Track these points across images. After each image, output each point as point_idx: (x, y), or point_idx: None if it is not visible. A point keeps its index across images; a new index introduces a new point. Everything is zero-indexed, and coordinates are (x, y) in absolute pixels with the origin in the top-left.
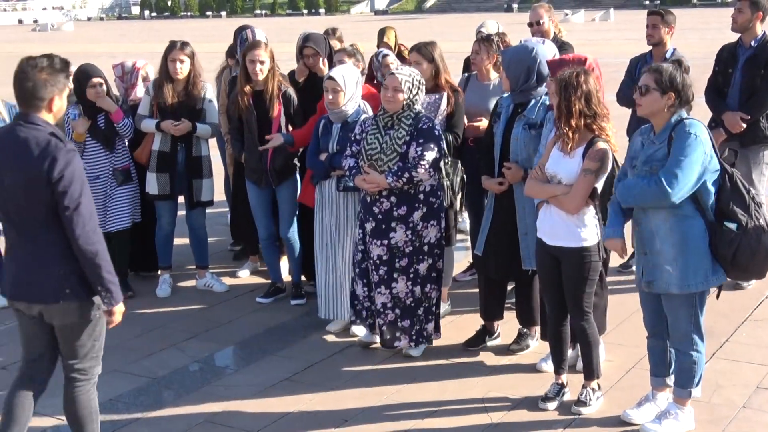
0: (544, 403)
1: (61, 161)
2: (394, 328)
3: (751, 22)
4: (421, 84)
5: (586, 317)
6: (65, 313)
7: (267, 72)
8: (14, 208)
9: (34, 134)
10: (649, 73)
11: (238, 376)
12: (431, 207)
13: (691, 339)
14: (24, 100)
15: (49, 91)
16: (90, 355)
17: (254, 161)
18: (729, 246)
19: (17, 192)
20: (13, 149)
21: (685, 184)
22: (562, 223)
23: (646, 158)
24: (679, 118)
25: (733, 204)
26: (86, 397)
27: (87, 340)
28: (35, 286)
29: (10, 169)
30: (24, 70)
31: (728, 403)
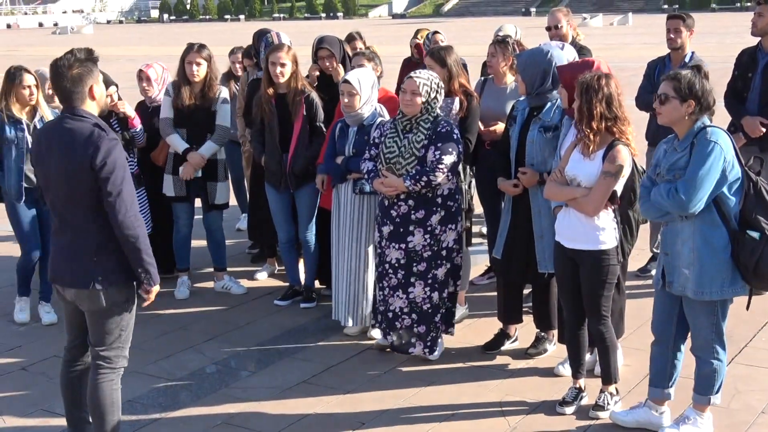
0: (561, 407)
1: (103, 149)
2: (410, 334)
3: None
4: (440, 87)
5: (604, 321)
6: (93, 300)
7: (289, 75)
8: (59, 196)
9: (78, 125)
10: (668, 81)
11: (256, 378)
12: (449, 210)
13: (712, 347)
14: (66, 97)
15: (86, 83)
16: (116, 345)
17: (274, 165)
18: (751, 255)
19: (62, 180)
20: (60, 140)
21: (702, 193)
22: (581, 226)
23: (669, 166)
24: (702, 125)
25: (757, 212)
26: (108, 386)
27: (114, 328)
28: (69, 272)
29: (57, 159)
30: (57, 71)
31: (747, 408)
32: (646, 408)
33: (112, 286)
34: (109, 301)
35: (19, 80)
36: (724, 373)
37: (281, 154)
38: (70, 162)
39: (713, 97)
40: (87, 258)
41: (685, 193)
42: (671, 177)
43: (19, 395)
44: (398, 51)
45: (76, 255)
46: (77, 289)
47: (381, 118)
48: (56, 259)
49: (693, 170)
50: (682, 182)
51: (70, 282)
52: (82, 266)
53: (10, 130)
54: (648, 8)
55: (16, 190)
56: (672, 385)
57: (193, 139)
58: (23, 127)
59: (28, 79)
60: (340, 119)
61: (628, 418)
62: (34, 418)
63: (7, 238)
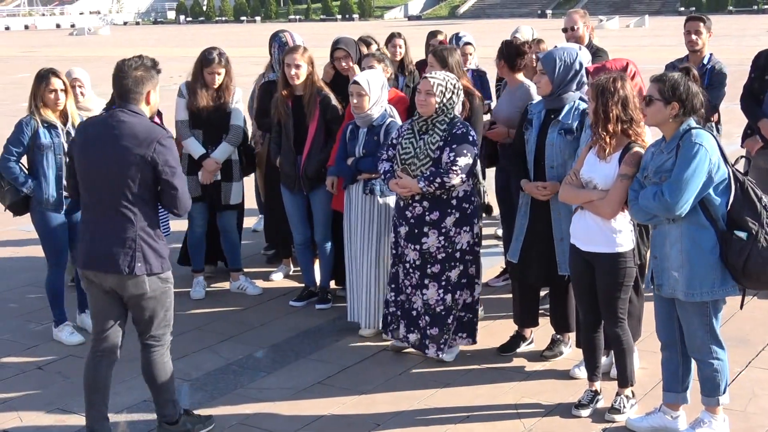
0: (577, 410)
1: (167, 146)
2: (424, 335)
3: None
4: (456, 89)
5: (621, 324)
6: (138, 285)
7: (305, 77)
8: (105, 184)
9: (135, 120)
10: (654, 83)
11: (271, 379)
12: (464, 213)
13: (709, 348)
14: (124, 96)
15: (146, 86)
16: (162, 324)
17: (289, 166)
18: (739, 255)
19: (112, 170)
20: (113, 132)
21: (688, 195)
22: (597, 228)
23: (656, 168)
24: (687, 127)
25: (744, 213)
26: (161, 360)
27: (159, 310)
28: (111, 258)
29: (109, 149)
30: (122, 69)
31: (764, 412)
32: (661, 413)
33: (154, 271)
34: (152, 286)
35: (45, 83)
36: (728, 372)
37: (295, 156)
38: (125, 153)
39: (701, 100)
40: (130, 244)
41: (671, 196)
42: (658, 179)
43: (35, 394)
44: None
45: (119, 241)
46: (121, 275)
47: (391, 119)
48: (95, 246)
49: (678, 173)
50: (667, 185)
51: (114, 268)
52: (125, 252)
53: (45, 136)
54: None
55: (56, 200)
56: (686, 389)
57: (209, 140)
58: (59, 133)
59: (56, 83)
60: (350, 121)
61: (644, 424)
62: (50, 416)
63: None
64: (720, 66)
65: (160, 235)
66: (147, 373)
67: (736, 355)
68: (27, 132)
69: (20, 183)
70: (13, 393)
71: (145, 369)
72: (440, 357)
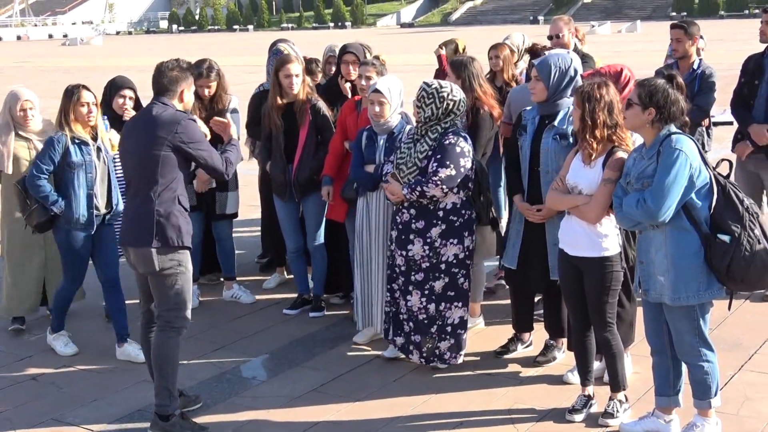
0: (571, 414)
1: (187, 128)
2: (408, 341)
3: None
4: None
5: (610, 328)
6: (147, 261)
7: (299, 86)
8: (134, 166)
9: (162, 109)
10: (635, 88)
11: (265, 387)
12: (451, 225)
13: (698, 351)
14: (161, 92)
15: (180, 85)
16: (173, 306)
17: (280, 174)
18: (723, 258)
19: (140, 152)
20: (143, 120)
21: (670, 201)
22: (584, 233)
23: (638, 174)
24: (667, 132)
25: (727, 215)
26: (166, 343)
27: (169, 289)
28: (132, 233)
29: (136, 136)
30: (160, 70)
31: (757, 415)
32: (654, 417)
33: (164, 249)
34: (161, 264)
35: (77, 97)
36: (718, 375)
37: (286, 164)
38: (151, 137)
39: (681, 108)
40: (147, 222)
41: (654, 203)
42: (640, 185)
43: (29, 405)
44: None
45: (139, 218)
46: (135, 248)
47: (409, 125)
48: (125, 223)
49: (660, 179)
50: (649, 192)
51: (132, 241)
52: (142, 228)
53: (76, 154)
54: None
55: (87, 220)
56: (678, 392)
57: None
58: (90, 150)
59: (87, 96)
60: (364, 128)
61: (637, 429)
62: (44, 428)
63: None
64: (710, 71)
65: (182, 213)
66: (154, 354)
67: (729, 359)
68: (58, 149)
69: (51, 202)
70: (7, 404)
71: (153, 349)
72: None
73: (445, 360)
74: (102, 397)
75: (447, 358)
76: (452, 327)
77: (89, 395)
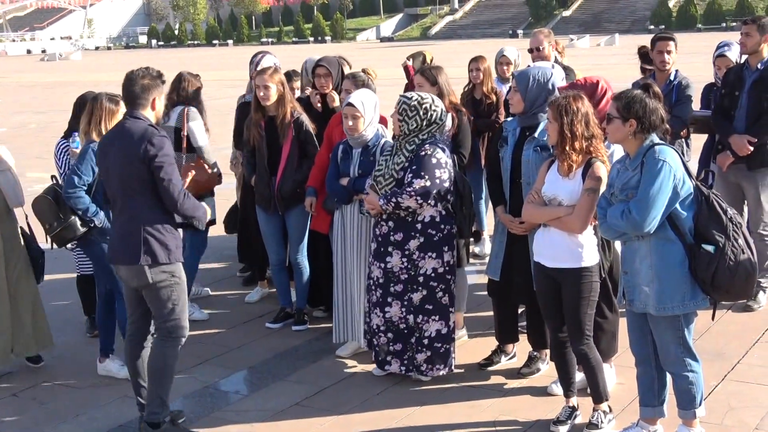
0: (555, 426)
1: (156, 143)
2: (386, 351)
3: (760, 45)
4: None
5: (587, 341)
6: (140, 276)
7: (275, 98)
8: (117, 185)
9: (135, 124)
10: (613, 101)
11: (249, 401)
12: (430, 238)
13: (683, 361)
14: (132, 102)
15: (152, 94)
16: (171, 317)
17: (263, 187)
18: (707, 268)
19: (120, 171)
20: (119, 137)
21: (655, 212)
22: (563, 244)
23: (622, 186)
24: (650, 143)
25: (710, 226)
26: (162, 352)
27: (166, 302)
28: (122, 250)
29: (115, 153)
30: (130, 78)
31: (741, 424)
32: (638, 428)
33: (156, 263)
34: (154, 277)
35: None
36: (702, 385)
37: (270, 177)
38: (126, 154)
39: (660, 116)
40: (136, 238)
41: (639, 214)
42: (624, 197)
43: (10, 421)
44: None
45: (128, 236)
46: (127, 265)
47: (384, 138)
48: (114, 241)
49: (644, 190)
50: (634, 203)
51: (122, 259)
52: (131, 245)
53: None
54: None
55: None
56: (662, 402)
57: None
58: None
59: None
60: (341, 141)
61: None
62: None
63: None
64: (686, 82)
65: (169, 229)
66: (150, 362)
67: (712, 369)
68: (93, 158)
69: (91, 213)
70: None
71: (150, 358)
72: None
73: (422, 371)
74: (84, 413)
75: (424, 370)
76: (429, 340)
77: (71, 411)
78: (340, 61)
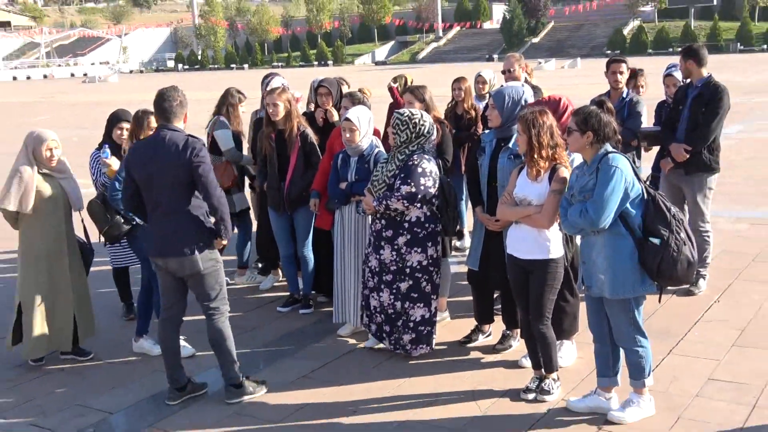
0: (525, 393)
1: (198, 150)
2: (381, 330)
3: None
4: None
5: (546, 323)
6: (193, 265)
7: (283, 114)
8: (164, 189)
9: (176, 135)
10: (573, 116)
11: (262, 374)
12: (416, 236)
13: (634, 338)
14: (167, 116)
15: (184, 109)
16: (218, 297)
17: (274, 191)
18: (654, 258)
19: (168, 176)
20: (162, 147)
21: (609, 211)
22: (533, 239)
23: (580, 188)
24: (604, 152)
25: (656, 222)
26: (222, 327)
27: (214, 284)
28: (173, 245)
29: (161, 160)
30: (165, 95)
31: (683, 393)
32: (596, 395)
33: (203, 252)
34: (204, 264)
35: (146, 122)
36: (651, 358)
37: (280, 182)
38: (174, 161)
39: (612, 128)
40: (186, 233)
41: (595, 213)
42: (582, 198)
43: (57, 393)
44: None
45: (178, 231)
46: (179, 257)
47: (378, 149)
48: (161, 238)
49: (599, 192)
50: (590, 203)
51: (174, 252)
52: (182, 240)
53: None
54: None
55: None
56: (616, 374)
57: None
58: None
59: (153, 121)
60: (341, 150)
61: (582, 405)
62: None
63: None
64: (636, 99)
65: (208, 222)
66: (212, 339)
67: (660, 345)
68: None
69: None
70: (38, 392)
71: (210, 335)
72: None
73: (407, 350)
74: (120, 385)
75: (408, 349)
76: (414, 323)
77: (108, 383)
78: (340, 81)
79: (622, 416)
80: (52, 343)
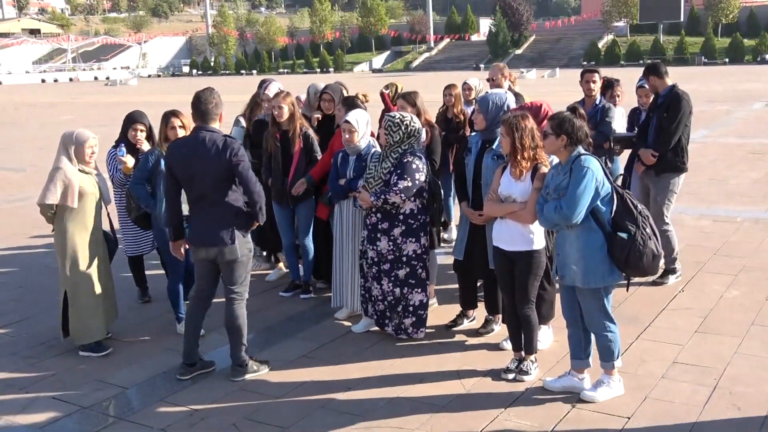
0: (505, 374)
1: (237, 149)
2: (384, 316)
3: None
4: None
5: (531, 305)
6: (232, 252)
7: (287, 115)
8: (207, 184)
9: (214, 135)
10: (548, 121)
11: (265, 354)
12: (410, 226)
13: (603, 324)
14: (204, 116)
15: (220, 109)
16: (243, 283)
17: (278, 186)
18: (621, 251)
19: (210, 173)
20: (203, 146)
21: (581, 208)
22: (518, 232)
23: (555, 187)
24: (577, 154)
25: (624, 218)
26: (240, 311)
27: (243, 271)
28: (214, 235)
29: (204, 159)
30: (202, 97)
31: (650, 374)
32: (570, 376)
33: (241, 241)
34: (241, 252)
35: (169, 123)
36: (619, 342)
37: (283, 178)
38: (216, 159)
39: (585, 132)
40: (227, 224)
41: (568, 209)
42: (557, 195)
43: (76, 368)
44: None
45: (219, 223)
46: (220, 246)
47: (374, 148)
48: (202, 228)
49: (572, 191)
50: (564, 200)
51: (216, 242)
52: (223, 230)
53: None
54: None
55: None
56: (588, 356)
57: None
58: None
59: (175, 121)
60: (340, 149)
61: (557, 384)
62: (88, 388)
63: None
64: (608, 106)
65: (246, 213)
66: (228, 320)
67: (629, 330)
68: (150, 160)
69: (143, 201)
70: (58, 368)
71: (228, 317)
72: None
73: (409, 333)
74: (136, 362)
75: (410, 332)
76: (413, 307)
77: (125, 360)
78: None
79: (594, 395)
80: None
